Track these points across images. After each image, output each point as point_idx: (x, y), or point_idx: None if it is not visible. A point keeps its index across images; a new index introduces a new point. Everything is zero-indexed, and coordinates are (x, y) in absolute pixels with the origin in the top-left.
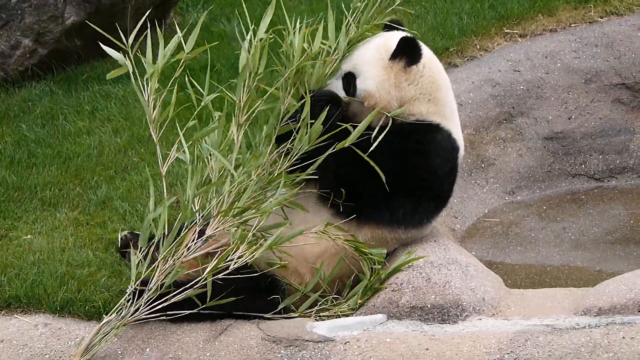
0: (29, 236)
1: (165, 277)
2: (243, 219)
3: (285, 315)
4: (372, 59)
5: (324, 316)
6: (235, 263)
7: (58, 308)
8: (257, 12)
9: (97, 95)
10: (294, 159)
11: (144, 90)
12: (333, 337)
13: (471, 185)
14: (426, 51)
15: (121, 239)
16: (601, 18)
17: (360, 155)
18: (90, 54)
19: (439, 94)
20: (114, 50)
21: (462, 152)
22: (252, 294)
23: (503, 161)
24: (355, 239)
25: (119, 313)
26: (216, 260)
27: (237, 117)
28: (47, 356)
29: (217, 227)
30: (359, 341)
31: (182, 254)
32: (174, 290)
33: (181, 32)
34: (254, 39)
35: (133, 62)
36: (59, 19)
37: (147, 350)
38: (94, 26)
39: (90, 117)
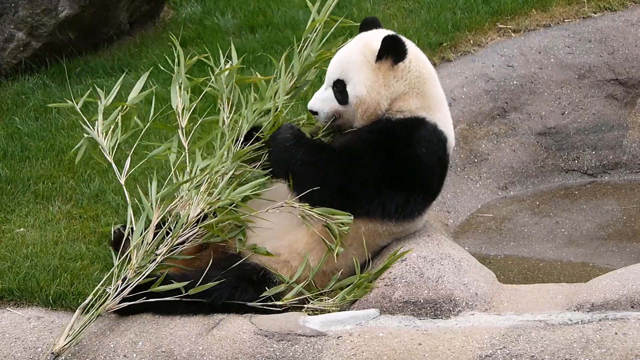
0: (21, 229)
1: (139, 264)
2: (195, 182)
3: (274, 304)
4: (359, 64)
5: (316, 311)
6: (195, 215)
7: (51, 301)
8: (251, 6)
9: (90, 88)
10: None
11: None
12: (326, 332)
13: (464, 180)
14: (411, 46)
15: (114, 232)
16: (595, 13)
17: (352, 154)
18: (84, 47)
19: (425, 87)
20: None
21: (451, 142)
22: (245, 287)
23: (496, 156)
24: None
25: (100, 299)
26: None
27: (179, 122)
28: (39, 349)
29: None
30: (351, 336)
31: (154, 242)
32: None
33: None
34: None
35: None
36: (52, 12)
37: (140, 343)
38: None
39: (84, 111)
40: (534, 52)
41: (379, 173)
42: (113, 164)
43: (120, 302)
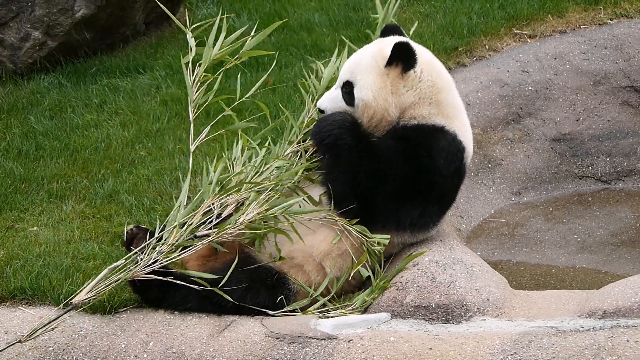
0: (35, 228)
1: (178, 242)
2: (258, 188)
3: (288, 311)
4: (368, 67)
5: (328, 314)
6: (248, 218)
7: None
8: (267, 8)
9: (105, 88)
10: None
11: (190, 74)
12: (337, 335)
13: (478, 186)
14: (424, 55)
15: (127, 232)
16: (611, 20)
17: (368, 164)
18: (99, 47)
19: (440, 97)
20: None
21: (469, 152)
22: (258, 288)
23: (510, 162)
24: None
25: (131, 264)
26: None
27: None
28: (50, 348)
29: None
30: (362, 339)
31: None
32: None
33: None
34: None
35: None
36: (69, 12)
37: (151, 344)
38: None
39: (99, 110)
40: (550, 57)
41: (400, 185)
42: (192, 124)
43: (148, 273)
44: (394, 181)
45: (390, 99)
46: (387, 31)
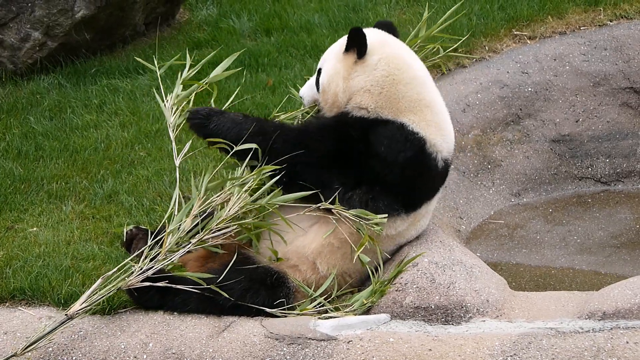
0: (34, 229)
1: (171, 248)
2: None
3: (287, 310)
4: (332, 54)
5: (327, 315)
6: (234, 211)
7: (62, 301)
8: (267, 9)
9: (105, 89)
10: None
11: (166, 99)
12: (336, 336)
13: (477, 187)
14: (392, 47)
15: (127, 233)
16: (611, 21)
17: (309, 152)
18: (99, 48)
19: (394, 89)
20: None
21: (435, 146)
22: (257, 288)
23: (509, 163)
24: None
25: (125, 273)
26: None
27: None
28: (50, 349)
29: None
30: (362, 340)
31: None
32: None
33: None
34: None
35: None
36: (68, 13)
37: (150, 345)
38: None
39: (98, 111)
40: (549, 59)
41: (324, 156)
42: (173, 142)
43: (143, 280)
44: (318, 151)
45: (341, 84)
46: (379, 26)
